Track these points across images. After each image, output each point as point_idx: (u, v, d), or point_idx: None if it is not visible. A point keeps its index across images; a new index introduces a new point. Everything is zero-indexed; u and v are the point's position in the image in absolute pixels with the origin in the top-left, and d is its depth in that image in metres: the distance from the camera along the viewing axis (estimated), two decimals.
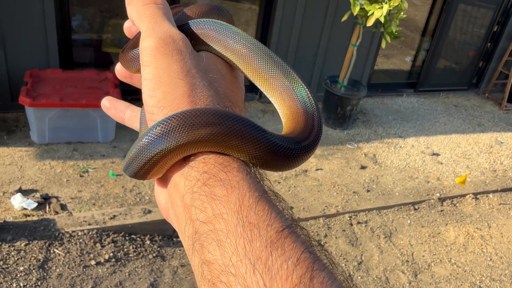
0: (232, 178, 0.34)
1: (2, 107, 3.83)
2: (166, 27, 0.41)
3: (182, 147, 0.36)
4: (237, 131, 0.35)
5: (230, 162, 0.36)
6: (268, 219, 0.32)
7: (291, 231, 0.32)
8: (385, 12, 3.79)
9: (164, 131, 0.35)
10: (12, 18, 3.55)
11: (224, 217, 0.32)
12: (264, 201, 0.34)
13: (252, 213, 0.32)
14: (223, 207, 0.33)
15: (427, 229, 3.58)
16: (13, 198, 2.97)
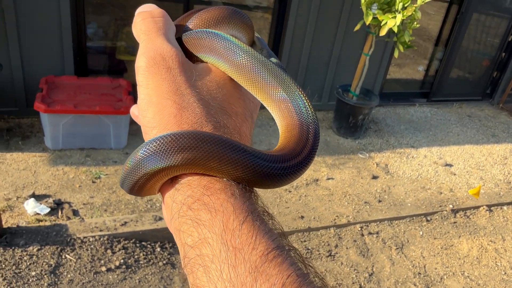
0: (215, 201, 0.34)
1: (18, 113, 3.89)
2: (158, 44, 0.41)
3: (162, 171, 0.36)
4: (214, 154, 0.35)
5: (213, 184, 0.36)
6: (253, 242, 0.32)
7: (277, 253, 0.32)
8: (398, 21, 3.78)
9: (144, 155, 0.36)
10: (29, 25, 3.62)
11: (209, 242, 0.32)
12: (250, 223, 0.33)
13: (236, 236, 0.32)
14: (208, 231, 0.33)
15: (440, 241, 3.53)
16: (27, 203, 3.00)
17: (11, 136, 3.71)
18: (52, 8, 3.64)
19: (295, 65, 4.77)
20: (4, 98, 3.73)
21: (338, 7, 4.60)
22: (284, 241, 0.35)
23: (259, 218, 0.34)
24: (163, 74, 0.39)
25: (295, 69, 4.79)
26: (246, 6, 5.21)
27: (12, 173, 3.31)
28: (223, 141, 0.35)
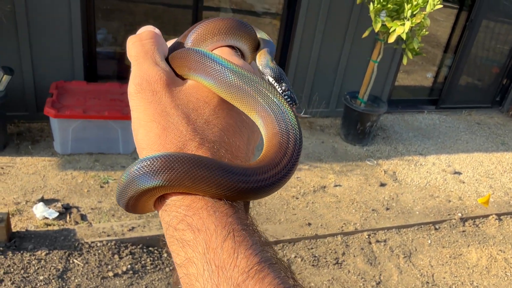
0: (197, 220, 0.35)
1: (28, 118, 3.93)
2: (145, 68, 0.43)
3: (145, 192, 0.38)
4: (187, 174, 0.36)
5: (196, 202, 0.37)
6: (235, 259, 0.33)
7: (260, 268, 0.33)
8: (407, 29, 3.78)
9: (127, 178, 0.38)
10: (40, 31, 3.67)
11: (194, 261, 0.34)
12: (231, 240, 0.34)
13: (218, 255, 0.33)
14: (192, 251, 0.34)
15: (448, 250, 3.50)
16: (35, 207, 3.03)
17: (21, 140, 3.74)
18: (63, 14, 3.68)
19: (303, 72, 4.78)
20: (14, 103, 3.77)
21: (346, 14, 4.60)
22: (269, 253, 0.35)
23: (242, 233, 0.35)
24: (149, 98, 0.41)
25: (303, 75, 4.80)
26: (254, 12, 5.24)
27: (22, 177, 3.34)
28: (195, 160, 0.36)
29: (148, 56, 0.44)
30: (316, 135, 4.69)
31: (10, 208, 2.99)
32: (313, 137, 4.64)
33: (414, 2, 3.79)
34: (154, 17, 4.74)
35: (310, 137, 4.63)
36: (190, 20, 4.51)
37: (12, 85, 3.54)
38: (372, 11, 3.86)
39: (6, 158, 3.52)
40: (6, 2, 3.42)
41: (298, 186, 3.84)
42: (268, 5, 5.25)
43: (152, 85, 0.42)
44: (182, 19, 4.82)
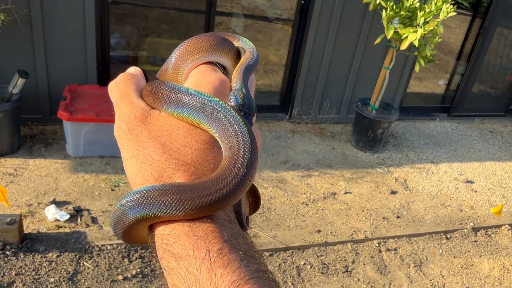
0: (178, 248, 0.37)
1: (42, 120, 3.98)
2: (122, 111, 0.46)
3: (131, 226, 0.41)
4: (157, 203, 0.38)
5: (175, 230, 0.39)
6: (213, 281, 0.35)
7: (236, 285, 0.34)
8: (419, 36, 3.76)
9: (117, 213, 0.41)
10: (55, 35, 3.72)
11: (180, 286, 0.36)
12: (207, 262, 0.36)
13: (197, 278, 0.35)
14: (176, 277, 0.37)
15: (460, 260, 3.45)
16: (47, 209, 3.06)
17: (34, 142, 3.79)
18: (78, 18, 3.73)
19: (314, 78, 4.78)
20: (28, 106, 3.82)
21: (359, 20, 4.60)
22: (251, 267, 0.37)
23: (221, 251, 0.36)
24: (129, 136, 0.45)
25: (314, 81, 4.79)
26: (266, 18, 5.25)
27: (34, 179, 3.38)
28: (160, 188, 0.39)
29: (124, 98, 0.47)
30: (326, 142, 4.68)
31: (23, 210, 3.02)
32: (324, 144, 4.63)
33: (427, 9, 3.77)
34: (167, 22, 4.78)
35: (321, 144, 4.61)
36: (202, 26, 4.54)
37: (26, 88, 3.59)
38: (385, 18, 3.85)
39: (20, 160, 3.57)
40: (22, 7, 3.47)
41: (308, 192, 3.83)
42: (280, 11, 5.26)
43: (130, 125, 0.45)
44: (194, 24, 4.85)
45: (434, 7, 3.76)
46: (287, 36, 4.91)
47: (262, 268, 0.38)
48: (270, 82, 5.25)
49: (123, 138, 0.45)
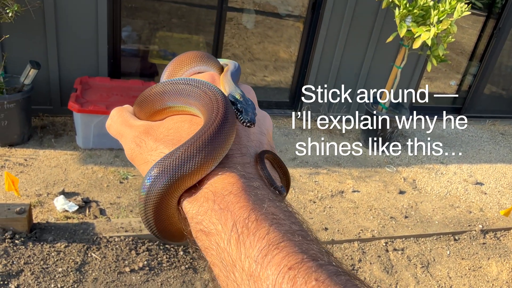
0: (207, 224, 0.39)
1: (52, 111, 4.01)
2: (127, 135, 0.50)
3: (163, 197, 0.42)
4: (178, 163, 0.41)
5: (202, 206, 0.40)
6: (243, 253, 0.36)
7: (266, 251, 0.35)
8: (432, 35, 3.72)
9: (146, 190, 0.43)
10: (67, 27, 3.74)
11: (216, 262, 0.38)
12: (235, 237, 0.36)
13: (228, 253, 0.37)
14: (211, 255, 0.38)
15: (468, 261, 3.42)
16: (56, 199, 3.08)
17: (45, 133, 3.82)
18: (90, 11, 3.74)
19: (325, 75, 4.75)
20: (40, 97, 3.85)
21: (371, 18, 4.56)
22: (280, 229, 0.37)
23: (248, 219, 0.37)
24: (139, 150, 0.47)
25: (324, 78, 4.77)
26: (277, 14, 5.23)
27: (44, 170, 3.40)
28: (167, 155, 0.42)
29: (123, 124, 0.51)
30: (335, 140, 4.66)
31: (32, 200, 3.05)
32: (333, 142, 4.61)
33: (441, 8, 3.73)
34: (178, 16, 4.78)
35: (329, 141, 4.59)
36: (213, 21, 4.53)
37: (38, 79, 3.61)
38: (398, 16, 3.82)
39: (30, 150, 3.59)
40: None
41: (316, 190, 3.82)
42: (292, 8, 5.23)
43: (136, 141, 0.48)
44: (205, 19, 4.84)
45: (448, 6, 3.72)
46: (298, 33, 4.89)
47: (293, 229, 0.37)
48: (280, 79, 5.23)
49: (135, 155, 0.47)
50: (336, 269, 0.34)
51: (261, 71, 5.22)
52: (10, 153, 3.53)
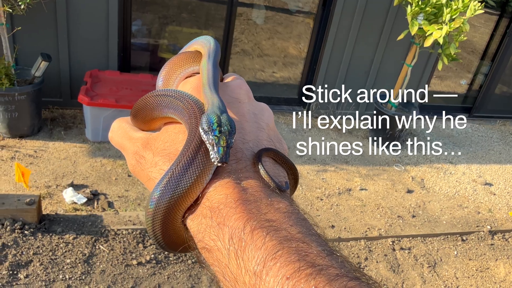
0: (208, 241, 0.40)
1: (62, 104, 4.03)
2: (127, 148, 0.51)
3: (170, 209, 0.43)
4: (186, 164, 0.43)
5: (200, 223, 0.41)
6: (241, 272, 0.36)
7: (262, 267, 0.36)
8: (444, 33, 3.68)
9: (155, 203, 0.44)
10: (79, 21, 3.75)
11: (222, 280, 0.39)
12: (234, 251, 0.37)
13: (228, 270, 0.37)
14: (216, 272, 0.39)
15: (475, 262, 3.40)
16: (65, 191, 3.10)
17: (55, 125, 3.84)
18: (101, 5, 3.75)
19: (334, 72, 4.73)
20: (50, 89, 3.87)
21: (382, 15, 4.52)
22: (277, 236, 0.37)
23: (243, 232, 0.37)
24: (140, 167, 0.48)
25: (333, 76, 4.74)
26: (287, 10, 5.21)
27: (53, 162, 3.43)
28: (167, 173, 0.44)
29: (124, 137, 0.52)
30: (343, 138, 4.64)
31: (41, 191, 3.07)
32: (341, 139, 4.59)
33: (454, 6, 3.69)
34: (188, 11, 4.78)
35: (338, 139, 4.58)
36: (223, 16, 4.52)
37: (48, 72, 3.63)
38: (410, 13, 3.78)
39: (40, 142, 3.62)
40: None
41: (323, 187, 3.81)
42: (302, 4, 5.21)
43: (136, 156, 0.49)
44: (215, 14, 4.83)
45: (461, 4, 3.68)
46: (308, 29, 4.86)
47: (291, 233, 0.37)
48: (289, 75, 5.22)
49: (137, 171, 0.48)
50: (336, 272, 0.34)
51: (270, 67, 5.21)
52: (20, 144, 3.56)
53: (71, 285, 2.35)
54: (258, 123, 0.50)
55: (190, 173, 0.42)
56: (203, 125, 0.43)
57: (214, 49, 0.56)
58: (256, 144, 0.47)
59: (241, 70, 5.04)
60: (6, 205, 2.56)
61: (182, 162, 0.42)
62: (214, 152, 0.42)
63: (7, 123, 3.51)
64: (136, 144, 0.50)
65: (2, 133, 3.57)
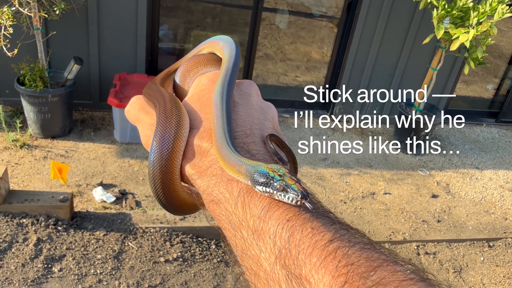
0: (216, 194, 0.44)
1: (92, 106, 4.16)
2: (143, 120, 0.55)
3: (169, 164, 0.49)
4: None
5: (210, 180, 0.45)
6: (248, 214, 0.41)
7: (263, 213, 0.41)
8: (471, 37, 3.65)
9: (153, 161, 0.50)
10: (109, 25, 3.87)
11: (227, 227, 0.43)
12: (242, 200, 0.42)
13: (237, 217, 0.42)
14: (222, 220, 0.43)
15: (502, 269, 3.34)
16: (95, 190, 3.20)
17: (84, 127, 3.97)
18: (131, 10, 3.87)
19: (358, 76, 4.73)
20: (80, 92, 4.00)
21: (407, 18, 4.51)
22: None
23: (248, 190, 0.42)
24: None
25: (357, 79, 4.74)
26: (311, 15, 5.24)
27: (83, 162, 3.54)
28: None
29: (141, 110, 0.57)
30: (367, 141, 4.63)
31: (72, 190, 3.18)
32: (364, 143, 4.58)
33: (481, 9, 3.66)
34: (212, 16, 4.87)
35: (361, 142, 4.57)
36: (248, 21, 4.59)
37: (79, 75, 3.76)
38: (436, 17, 3.77)
39: (71, 142, 3.75)
40: None
41: (347, 190, 3.81)
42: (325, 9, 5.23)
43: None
44: (238, 19, 4.91)
45: (489, 8, 3.64)
46: (332, 33, 4.88)
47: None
48: (312, 79, 5.24)
49: (150, 142, 0.52)
50: (331, 220, 0.39)
51: (293, 71, 5.24)
52: (53, 144, 3.69)
53: (102, 280, 2.43)
54: (265, 115, 0.54)
55: (169, 129, 0.48)
56: (258, 180, 0.41)
57: (234, 63, 0.58)
58: (262, 128, 0.52)
59: (264, 74, 5.09)
60: (41, 201, 2.66)
61: (160, 123, 0.49)
62: (290, 194, 0.39)
63: (40, 124, 3.64)
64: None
65: (36, 133, 3.71)
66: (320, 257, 0.34)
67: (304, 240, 0.36)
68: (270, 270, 0.37)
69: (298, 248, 0.36)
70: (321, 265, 0.34)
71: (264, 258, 0.38)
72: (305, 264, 0.35)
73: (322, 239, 0.36)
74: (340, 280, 0.33)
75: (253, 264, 0.39)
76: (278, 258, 0.37)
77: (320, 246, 0.35)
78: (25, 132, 3.69)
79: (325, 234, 0.36)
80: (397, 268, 0.34)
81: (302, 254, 0.35)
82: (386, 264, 0.34)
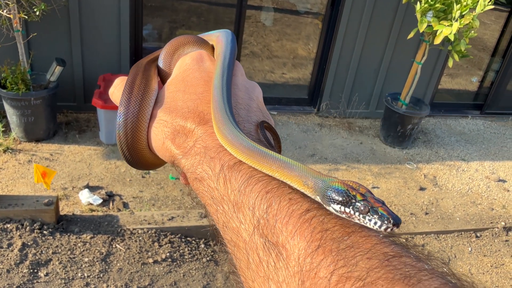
0: (200, 172, 0.45)
1: (76, 108, 4.11)
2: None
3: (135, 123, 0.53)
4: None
5: (194, 158, 0.46)
6: (229, 189, 0.42)
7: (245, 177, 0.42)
8: (454, 30, 3.68)
9: (120, 124, 0.54)
10: (91, 26, 3.82)
11: (209, 202, 0.45)
12: (223, 176, 0.43)
13: (219, 192, 0.43)
14: (205, 196, 0.44)
15: (490, 258, 3.38)
16: (81, 193, 3.16)
17: (69, 129, 3.92)
18: (113, 10, 3.82)
19: (344, 71, 4.74)
20: (64, 94, 3.95)
21: (391, 13, 4.53)
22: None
23: (233, 163, 0.43)
24: None
25: (343, 75, 4.76)
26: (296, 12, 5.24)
27: (69, 164, 3.50)
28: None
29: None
30: (354, 136, 4.65)
31: (58, 193, 3.14)
32: (352, 138, 4.60)
33: (463, 2, 3.69)
34: (197, 15, 4.84)
35: (349, 138, 4.59)
36: (232, 19, 4.57)
37: (62, 77, 3.71)
38: (419, 11, 3.79)
39: (55, 145, 3.69)
40: None
41: None
42: (310, 5, 5.24)
43: None
44: (223, 17, 4.89)
45: (471, 1, 3.67)
46: (317, 30, 4.89)
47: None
48: (299, 76, 5.25)
49: None
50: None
51: (279, 68, 5.24)
52: (37, 148, 3.64)
53: (89, 283, 2.40)
54: (250, 95, 0.54)
55: (134, 95, 0.52)
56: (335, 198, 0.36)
57: (231, 48, 0.59)
58: (247, 108, 0.52)
59: (250, 72, 5.08)
60: (26, 206, 2.62)
61: (126, 90, 0.52)
62: (376, 218, 0.35)
63: (23, 127, 3.59)
64: None
65: (19, 137, 3.65)
66: (296, 224, 0.36)
67: (281, 210, 0.37)
68: (249, 239, 0.38)
69: (275, 218, 0.37)
70: (297, 232, 0.35)
71: (244, 229, 0.39)
72: (281, 232, 0.36)
73: (300, 209, 0.37)
74: (314, 244, 0.34)
75: (234, 235, 0.40)
76: (256, 228, 0.38)
77: (296, 215, 0.36)
78: (8, 136, 3.63)
79: (302, 204, 0.37)
80: (371, 233, 0.35)
81: (279, 223, 0.36)
82: (360, 230, 0.35)
